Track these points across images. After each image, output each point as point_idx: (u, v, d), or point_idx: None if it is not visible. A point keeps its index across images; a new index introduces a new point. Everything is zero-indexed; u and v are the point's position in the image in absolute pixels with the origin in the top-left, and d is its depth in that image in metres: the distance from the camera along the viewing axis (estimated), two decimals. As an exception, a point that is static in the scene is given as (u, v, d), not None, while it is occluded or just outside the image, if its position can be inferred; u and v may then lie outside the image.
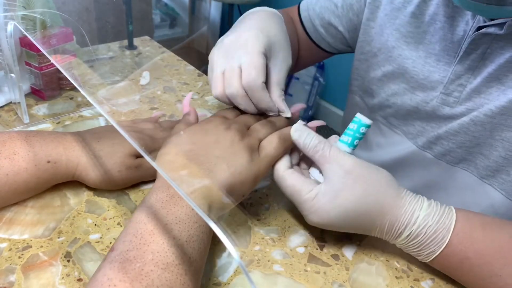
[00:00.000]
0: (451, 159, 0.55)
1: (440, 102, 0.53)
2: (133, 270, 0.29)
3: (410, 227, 0.38)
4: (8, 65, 0.53)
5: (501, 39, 0.47)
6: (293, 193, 0.40)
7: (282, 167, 0.41)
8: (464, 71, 0.51)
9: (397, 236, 0.39)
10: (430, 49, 0.54)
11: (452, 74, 0.52)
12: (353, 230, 0.41)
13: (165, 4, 2.70)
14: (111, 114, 0.65)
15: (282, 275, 0.40)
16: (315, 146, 0.40)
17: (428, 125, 0.56)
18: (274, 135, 0.42)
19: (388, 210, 0.39)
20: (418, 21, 0.54)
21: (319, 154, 0.40)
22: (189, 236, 0.32)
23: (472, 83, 0.50)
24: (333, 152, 0.40)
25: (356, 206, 0.38)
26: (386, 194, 0.39)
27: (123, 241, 0.31)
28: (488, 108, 0.49)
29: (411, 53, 0.56)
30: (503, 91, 0.48)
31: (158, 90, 0.72)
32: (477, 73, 0.50)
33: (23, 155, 0.41)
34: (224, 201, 0.37)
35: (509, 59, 0.47)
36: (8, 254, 0.38)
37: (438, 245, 0.38)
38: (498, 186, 0.51)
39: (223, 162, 0.38)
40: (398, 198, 0.39)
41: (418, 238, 0.38)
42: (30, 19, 0.59)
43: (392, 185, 0.40)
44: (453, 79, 0.52)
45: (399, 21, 0.56)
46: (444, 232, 0.38)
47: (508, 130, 0.48)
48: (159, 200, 0.34)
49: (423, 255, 0.39)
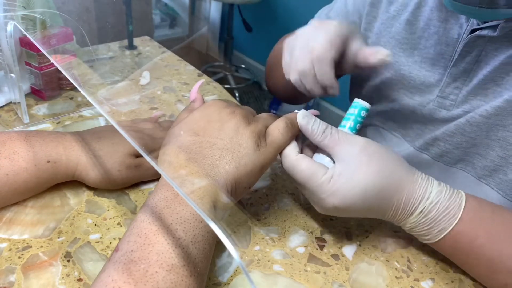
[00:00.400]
0: (449, 160, 0.55)
1: (437, 105, 0.54)
2: (137, 272, 0.28)
3: (424, 202, 0.38)
4: (8, 65, 0.53)
5: (495, 41, 0.47)
6: (308, 177, 0.39)
7: (293, 153, 0.40)
8: (460, 74, 0.51)
9: (411, 213, 0.39)
10: (425, 53, 0.54)
11: (448, 77, 0.52)
12: (370, 212, 0.40)
13: (165, 4, 2.70)
14: (111, 114, 0.65)
15: (282, 275, 0.40)
16: (323, 131, 0.40)
17: (426, 128, 0.57)
18: (280, 120, 0.41)
19: (404, 185, 0.38)
20: (413, 27, 0.55)
21: (328, 138, 0.39)
22: (194, 236, 0.32)
23: (468, 86, 0.51)
24: (342, 134, 0.40)
25: (374, 182, 0.37)
26: (401, 169, 0.39)
27: (128, 241, 0.31)
28: (483, 109, 0.49)
29: (407, 59, 0.56)
30: (499, 92, 0.48)
31: (158, 90, 0.72)
32: (473, 75, 0.50)
33: (23, 155, 0.41)
34: (227, 200, 0.37)
35: (503, 61, 0.47)
36: (8, 254, 0.38)
37: (449, 222, 0.38)
38: (496, 186, 0.51)
39: (228, 155, 0.37)
40: (411, 174, 0.39)
41: (431, 214, 0.38)
42: (30, 19, 0.59)
43: (403, 161, 0.40)
44: (449, 82, 0.52)
45: (394, 29, 0.57)
46: (455, 209, 0.38)
47: (504, 130, 0.48)
48: (163, 199, 0.33)
49: (433, 233, 0.39)
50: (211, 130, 0.38)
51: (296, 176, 0.40)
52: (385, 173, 0.38)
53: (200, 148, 0.37)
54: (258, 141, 0.38)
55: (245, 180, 0.38)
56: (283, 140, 0.40)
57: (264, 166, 0.39)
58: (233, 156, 0.37)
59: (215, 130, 0.38)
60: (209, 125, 0.39)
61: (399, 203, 0.38)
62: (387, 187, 0.38)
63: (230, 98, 0.73)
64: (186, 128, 0.39)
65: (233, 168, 0.36)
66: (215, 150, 0.37)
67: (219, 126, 0.38)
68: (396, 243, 0.45)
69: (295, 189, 0.52)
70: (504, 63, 0.47)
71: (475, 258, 0.39)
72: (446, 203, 0.38)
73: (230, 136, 0.38)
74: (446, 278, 0.42)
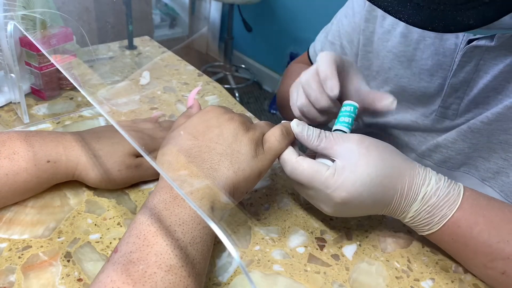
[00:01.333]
0: (452, 165, 0.56)
1: (440, 115, 0.55)
2: (136, 272, 0.29)
3: (425, 187, 0.38)
4: (8, 65, 0.53)
5: (493, 50, 0.47)
6: (312, 175, 0.39)
7: (293, 156, 0.41)
8: (460, 84, 0.51)
9: (414, 200, 0.39)
10: (422, 65, 0.55)
11: (449, 87, 0.52)
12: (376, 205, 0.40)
13: (165, 4, 2.71)
14: (111, 114, 0.65)
15: (282, 275, 0.40)
16: (318, 136, 0.41)
17: (429, 135, 0.57)
18: (276, 128, 0.42)
19: (405, 172, 0.39)
20: (407, 39, 0.56)
21: (324, 141, 0.40)
22: (192, 238, 0.32)
23: (469, 95, 0.51)
24: (336, 135, 0.41)
25: (377, 170, 0.38)
26: (399, 158, 0.40)
27: (127, 242, 0.31)
28: (484, 116, 0.49)
29: (405, 71, 0.57)
30: (500, 99, 0.48)
31: (158, 90, 0.72)
32: (473, 84, 0.50)
33: (22, 154, 0.41)
34: (226, 201, 0.37)
35: (503, 69, 0.47)
36: (8, 254, 0.38)
37: (449, 208, 0.38)
38: (498, 188, 0.51)
39: (227, 160, 0.37)
40: (409, 162, 0.40)
41: (432, 200, 0.38)
42: (30, 19, 0.59)
43: (399, 152, 0.41)
44: (450, 93, 0.53)
45: (391, 43, 0.58)
46: (455, 196, 0.38)
47: (505, 133, 0.48)
48: (162, 201, 0.34)
49: (434, 221, 0.39)
50: (210, 135, 0.39)
51: (299, 178, 0.40)
52: (386, 162, 0.39)
53: (199, 152, 0.38)
54: (256, 147, 0.39)
55: (243, 185, 0.38)
56: (280, 147, 0.41)
57: (262, 172, 0.40)
58: (232, 161, 0.37)
59: (214, 135, 0.39)
60: (208, 130, 0.39)
61: (402, 190, 0.39)
62: (390, 174, 0.38)
63: (230, 98, 0.73)
64: (185, 132, 0.40)
65: (231, 173, 0.37)
66: (214, 155, 0.37)
67: (218, 131, 0.39)
68: (396, 243, 0.45)
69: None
70: (503, 71, 0.47)
71: (474, 246, 0.39)
72: (445, 190, 0.39)
73: (229, 141, 0.38)
74: (446, 278, 0.42)
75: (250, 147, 0.39)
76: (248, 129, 0.40)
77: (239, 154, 0.38)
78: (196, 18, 2.78)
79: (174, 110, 0.67)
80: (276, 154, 0.41)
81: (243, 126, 0.40)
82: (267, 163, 0.40)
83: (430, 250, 0.45)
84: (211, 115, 0.41)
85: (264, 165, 0.40)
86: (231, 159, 0.38)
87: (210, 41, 2.85)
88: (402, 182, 0.39)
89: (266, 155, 0.40)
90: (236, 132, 0.39)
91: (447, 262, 0.44)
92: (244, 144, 0.39)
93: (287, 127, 0.42)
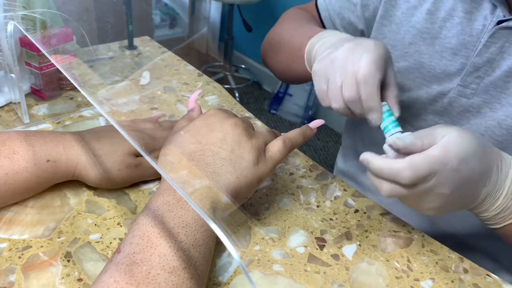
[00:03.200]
0: None
1: (457, 93, 0.55)
2: (140, 273, 0.29)
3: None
4: (8, 65, 0.53)
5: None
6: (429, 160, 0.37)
7: (399, 162, 0.37)
8: (483, 63, 0.52)
9: (506, 178, 0.40)
10: (446, 43, 0.55)
11: (471, 66, 0.53)
12: (482, 178, 0.39)
13: (165, 4, 2.70)
14: (111, 114, 0.65)
15: (282, 275, 0.40)
16: (416, 137, 0.38)
17: (441, 120, 0.57)
18: (279, 139, 0.42)
19: (496, 153, 0.40)
20: (434, 17, 0.56)
21: (425, 137, 0.38)
22: (195, 240, 0.33)
23: (490, 75, 0.52)
24: (430, 128, 0.39)
25: (478, 140, 0.38)
26: (488, 141, 0.41)
27: (130, 243, 0.31)
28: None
29: (427, 48, 0.57)
30: None
31: (158, 90, 0.72)
32: (496, 66, 0.51)
33: (22, 154, 0.41)
34: (228, 203, 0.37)
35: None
36: (8, 254, 0.38)
37: None
38: None
39: (230, 165, 0.38)
40: (495, 147, 0.41)
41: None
42: (30, 19, 0.59)
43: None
44: (471, 71, 0.53)
45: (415, 18, 0.58)
46: None
47: None
48: (165, 203, 0.34)
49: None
50: (213, 139, 0.39)
51: (423, 172, 0.37)
52: (481, 140, 0.39)
53: (203, 156, 0.38)
54: (258, 155, 0.40)
55: (244, 191, 0.39)
56: (281, 157, 0.42)
57: (262, 179, 0.40)
58: (235, 167, 0.38)
59: (218, 140, 0.39)
60: (212, 134, 0.40)
61: (498, 164, 0.40)
62: (485, 148, 0.39)
63: (230, 98, 0.73)
64: (187, 135, 0.40)
65: (234, 178, 0.38)
66: (217, 159, 0.38)
67: (222, 136, 0.39)
68: (396, 243, 0.45)
69: (295, 189, 0.52)
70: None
71: None
72: None
73: (232, 147, 0.39)
74: (446, 278, 0.42)
75: (252, 154, 0.39)
76: (251, 136, 0.41)
77: (242, 160, 0.38)
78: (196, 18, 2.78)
79: (174, 110, 0.67)
80: (276, 164, 0.42)
81: (246, 133, 0.40)
82: (267, 172, 0.40)
83: (430, 250, 0.45)
84: (215, 119, 0.41)
85: (264, 173, 0.40)
86: (234, 164, 0.38)
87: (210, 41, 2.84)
88: (496, 157, 0.40)
89: (268, 164, 0.40)
90: (239, 139, 0.39)
91: (447, 262, 0.44)
92: (247, 151, 0.39)
93: (290, 138, 0.43)
